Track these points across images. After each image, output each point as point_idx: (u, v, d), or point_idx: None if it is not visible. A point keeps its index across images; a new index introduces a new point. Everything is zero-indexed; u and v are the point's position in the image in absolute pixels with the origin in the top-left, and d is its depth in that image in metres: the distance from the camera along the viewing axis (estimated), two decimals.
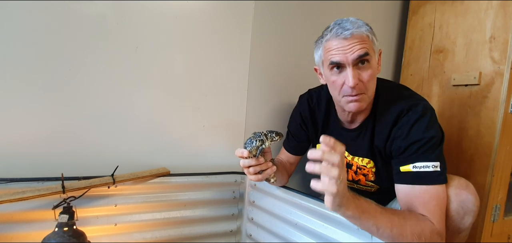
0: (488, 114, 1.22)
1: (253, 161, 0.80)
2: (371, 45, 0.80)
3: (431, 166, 0.75)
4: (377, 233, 0.70)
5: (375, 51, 0.81)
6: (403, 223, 0.70)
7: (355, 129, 0.92)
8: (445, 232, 0.74)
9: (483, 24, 1.24)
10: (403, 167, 0.78)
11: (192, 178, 1.08)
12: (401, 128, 0.81)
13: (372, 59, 0.80)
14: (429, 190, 0.74)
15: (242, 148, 0.81)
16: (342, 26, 0.79)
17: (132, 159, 1.04)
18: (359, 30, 0.78)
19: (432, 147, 0.76)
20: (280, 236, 1.02)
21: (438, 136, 0.78)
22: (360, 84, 0.79)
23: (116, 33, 0.98)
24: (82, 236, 0.81)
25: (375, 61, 0.82)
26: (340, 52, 0.78)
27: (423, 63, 1.48)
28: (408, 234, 0.69)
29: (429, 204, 0.74)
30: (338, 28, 0.79)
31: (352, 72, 0.78)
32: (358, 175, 0.98)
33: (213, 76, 1.16)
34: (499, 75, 1.18)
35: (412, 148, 0.77)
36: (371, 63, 0.80)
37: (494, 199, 1.24)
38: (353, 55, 0.77)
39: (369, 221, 0.68)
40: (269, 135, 0.80)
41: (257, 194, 1.13)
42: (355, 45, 0.77)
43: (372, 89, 0.83)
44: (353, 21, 0.79)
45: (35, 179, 0.85)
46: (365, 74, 0.79)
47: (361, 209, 0.67)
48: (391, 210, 0.73)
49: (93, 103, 0.97)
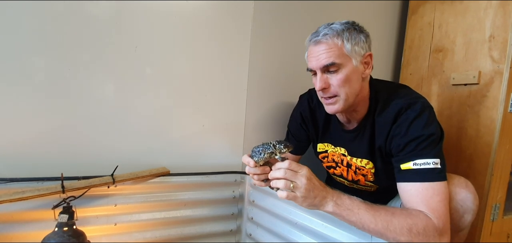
0: (487, 113, 1.22)
1: (259, 170, 0.79)
2: (341, 52, 0.81)
3: (431, 163, 0.75)
4: (363, 228, 0.73)
5: (349, 57, 0.82)
6: (390, 218, 0.71)
7: (353, 130, 0.93)
8: (448, 229, 0.73)
9: (482, 23, 1.24)
10: (403, 165, 0.78)
11: (192, 177, 1.08)
12: (400, 125, 0.81)
13: (344, 66, 0.81)
14: (431, 187, 0.74)
15: (249, 153, 0.80)
16: (317, 31, 0.84)
17: (131, 159, 1.04)
18: (326, 38, 0.81)
19: (432, 144, 0.76)
20: (280, 236, 1.02)
21: (438, 133, 0.78)
22: (330, 88, 0.83)
23: (115, 33, 0.98)
24: (82, 236, 0.81)
25: (350, 66, 0.82)
26: (312, 59, 0.84)
27: (422, 63, 1.48)
28: (395, 228, 0.70)
29: (431, 200, 0.73)
30: (314, 33, 0.85)
31: (320, 76, 0.83)
32: (357, 175, 0.98)
33: (212, 76, 1.16)
34: (498, 74, 1.19)
35: (411, 145, 0.78)
36: (342, 69, 0.81)
37: (493, 198, 1.24)
38: (319, 63, 0.82)
39: (351, 217, 0.73)
40: (278, 147, 0.78)
41: (257, 193, 1.13)
42: (322, 53, 0.81)
43: (347, 92, 0.83)
44: (328, 27, 0.82)
45: (34, 179, 0.85)
46: (334, 79, 0.82)
47: (342, 206, 0.73)
48: (377, 207, 0.74)
49: (92, 103, 0.97)
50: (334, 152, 1.01)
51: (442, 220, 0.72)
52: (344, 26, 0.82)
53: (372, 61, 0.87)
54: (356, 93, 0.85)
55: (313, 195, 0.71)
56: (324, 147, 1.04)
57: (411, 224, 0.70)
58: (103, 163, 0.97)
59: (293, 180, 0.70)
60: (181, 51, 1.09)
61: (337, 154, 1.00)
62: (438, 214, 0.72)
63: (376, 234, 0.72)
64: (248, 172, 0.81)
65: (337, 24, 0.83)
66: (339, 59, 0.81)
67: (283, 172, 0.71)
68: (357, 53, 0.82)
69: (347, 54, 0.81)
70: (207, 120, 1.17)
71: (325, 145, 1.03)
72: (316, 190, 0.72)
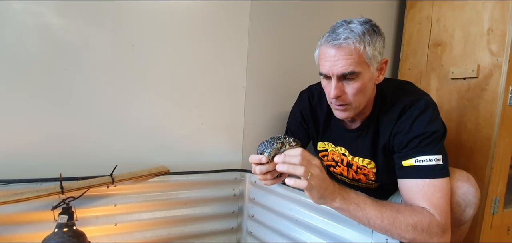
0: (486, 106, 1.22)
1: (271, 167, 0.71)
2: (361, 59, 0.75)
3: (433, 159, 0.74)
4: (369, 224, 0.72)
5: (368, 64, 0.77)
6: (396, 215, 0.70)
7: (356, 129, 0.92)
8: (449, 226, 0.73)
9: (480, 16, 1.24)
10: (405, 162, 0.78)
11: (192, 176, 1.08)
12: (403, 122, 0.80)
13: (362, 74, 0.76)
14: (433, 184, 0.74)
15: (256, 153, 0.74)
16: (335, 32, 0.76)
17: (131, 158, 1.03)
18: (348, 42, 0.74)
19: (434, 141, 0.76)
20: (281, 233, 1.02)
21: (441, 130, 0.78)
22: (344, 96, 0.79)
23: (112, 31, 0.97)
24: (82, 237, 0.81)
25: (368, 73, 0.77)
26: (327, 63, 0.77)
27: (421, 57, 1.48)
28: (401, 224, 0.69)
29: (433, 197, 0.73)
30: (331, 34, 0.77)
31: (335, 84, 0.77)
32: (359, 174, 0.98)
33: (211, 74, 1.15)
34: (497, 67, 1.18)
35: (414, 142, 0.77)
36: (360, 77, 0.77)
37: (493, 191, 1.25)
38: (337, 70, 0.76)
39: (357, 212, 0.71)
40: (287, 139, 0.73)
41: (257, 191, 1.13)
42: (341, 60, 0.75)
43: (360, 100, 0.81)
44: (348, 29, 0.75)
45: (33, 180, 0.85)
46: (350, 88, 0.78)
47: (349, 201, 0.72)
48: (383, 203, 0.73)
49: (90, 103, 0.97)
50: (334, 151, 1.00)
51: (444, 217, 0.72)
52: (365, 28, 0.75)
53: (386, 66, 0.83)
54: (367, 99, 0.83)
55: (324, 186, 0.69)
56: (324, 146, 1.03)
57: (416, 221, 0.69)
58: (102, 163, 0.96)
59: (309, 169, 0.65)
60: (179, 49, 1.08)
61: (337, 153, 0.99)
62: (440, 210, 0.72)
63: (381, 230, 0.71)
64: (260, 172, 0.73)
65: (357, 24, 0.76)
66: (359, 67, 0.75)
67: (300, 159, 0.64)
68: (375, 59, 0.77)
69: (367, 61, 0.76)
70: (206, 118, 1.16)
71: (325, 144, 1.02)
72: (327, 182, 0.70)
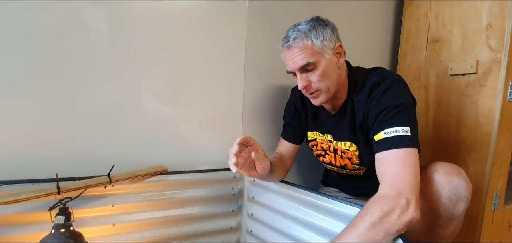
0: (486, 102, 1.21)
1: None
2: (313, 51, 0.86)
3: (400, 130, 0.76)
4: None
5: (322, 53, 0.86)
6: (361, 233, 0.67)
7: (335, 114, 0.98)
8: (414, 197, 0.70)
9: (479, 12, 1.24)
10: (376, 136, 0.80)
11: (190, 175, 1.07)
12: (372, 100, 0.84)
13: (319, 62, 0.86)
14: (399, 154, 0.74)
15: None
16: (287, 36, 0.89)
17: (128, 158, 1.02)
18: (296, 41, 0.86)
19: (400, 112, 0.78)
20: (281, 231, 1.01)
21: (407, 102, 0.80)
22: (311, 84, 0.89)
23: (108, 29, 0.97)
24: (79, 237, 0.80)
25: (323, 60, 0.87)
26: (288, 62, 0.90)
27: (419, 54, 1.48)
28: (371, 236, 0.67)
29: (398, 168, 0.73)
30: (284, 39, 0.90)
31: (300, 77, 0.89)
32: (344, 159, 1.01)
33: (208, 72, 1.15)
34: (496, 63, 1.18)
35: (381, 115, 0.80)
36: (318, 65, 0.86)
37: (494, 188, 1.24)
38: (296, 66, 0.87)
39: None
40: None
41: (256, 189, 1.12)
42: (296, 55, 0.86)
43: (328, 84, 0.89)
44: (295, 29, 0.87)
45: (30, 181, 0.84)
46: (313, 76, 0.88)
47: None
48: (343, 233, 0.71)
49: (86, 102, 0.96)
50: (323, 140, 1.05)
51: (411, 190, 0.70)
52: (310, 25, 0.86)
53: (344, 49, 0.92)
54: (335, 82, 0.90)
55: None
56: (313, 135, 1.07)
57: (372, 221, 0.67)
58: (99, 163, 0.95)
59: None
60: (176, 47, 1.08)
61: (325, 141, 1.04)
62: (406, 181, 0.71)
63: None
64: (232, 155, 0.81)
65: (303, 24, 0.88)
66: (313, 57, 0.86)
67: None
68: (327, 47, 0.87)
69: (319, 51, 0.86)
70: (204, 117, 1.15)
71: (314, 134, 1.07)
72: None
